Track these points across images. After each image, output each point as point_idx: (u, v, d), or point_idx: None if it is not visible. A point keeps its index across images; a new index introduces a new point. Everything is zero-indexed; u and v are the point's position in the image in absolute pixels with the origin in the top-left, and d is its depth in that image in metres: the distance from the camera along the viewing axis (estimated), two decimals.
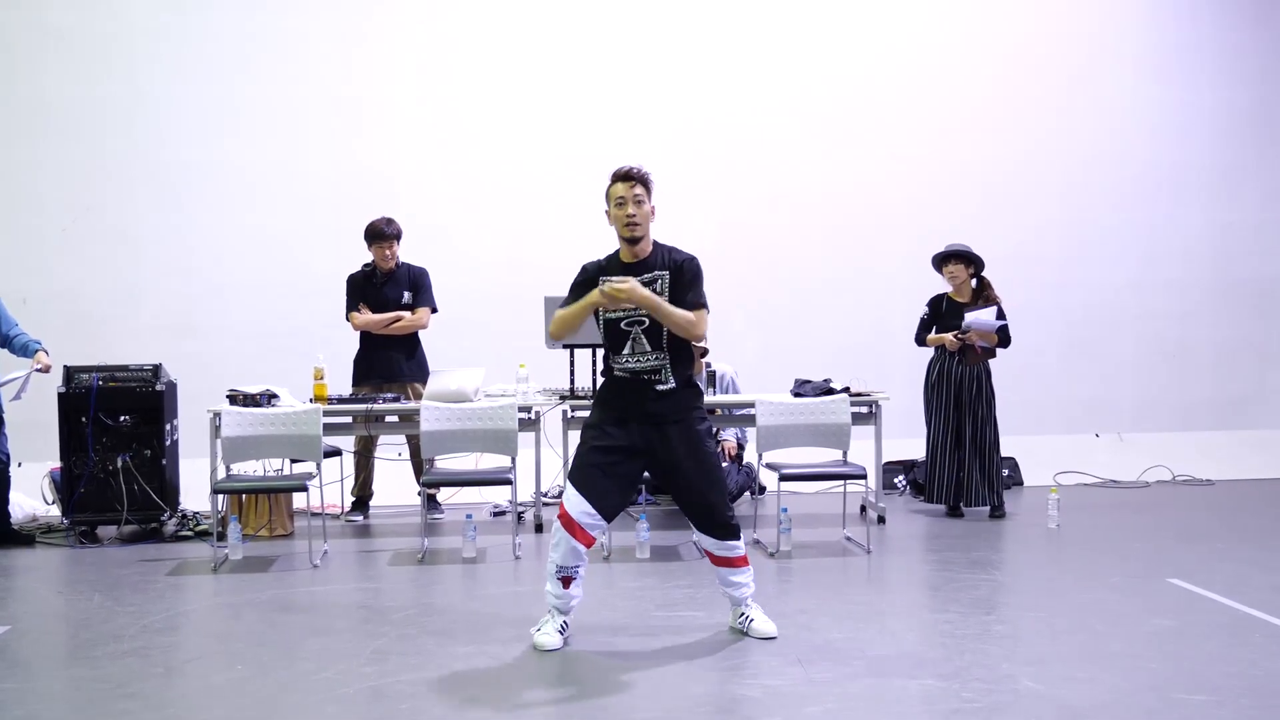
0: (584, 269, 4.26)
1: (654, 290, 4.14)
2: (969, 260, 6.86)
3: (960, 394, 6.80)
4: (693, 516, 4.35)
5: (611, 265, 4.23)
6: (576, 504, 4.14)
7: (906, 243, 8.49)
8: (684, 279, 4.18)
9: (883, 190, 8.59)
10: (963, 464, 6.81)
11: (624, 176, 4.19)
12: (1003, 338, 6.80)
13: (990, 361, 6.88)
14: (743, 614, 4.38)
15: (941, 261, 6.93)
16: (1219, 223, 8.93)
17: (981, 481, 6.80)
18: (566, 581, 4.20)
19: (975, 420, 6.79)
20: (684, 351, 4.25)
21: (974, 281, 6.92)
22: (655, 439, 4.20)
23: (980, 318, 6.70)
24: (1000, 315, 6.75)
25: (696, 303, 4.15)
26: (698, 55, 8.49)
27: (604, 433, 4.21)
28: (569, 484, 4.21)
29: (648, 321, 4.15)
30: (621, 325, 4.18)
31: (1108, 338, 8.83)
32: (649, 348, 4.18)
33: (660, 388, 4.18)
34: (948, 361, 6.85)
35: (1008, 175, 8.67)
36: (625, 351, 4.19)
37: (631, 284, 4.02)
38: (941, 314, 6.92)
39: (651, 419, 4.19)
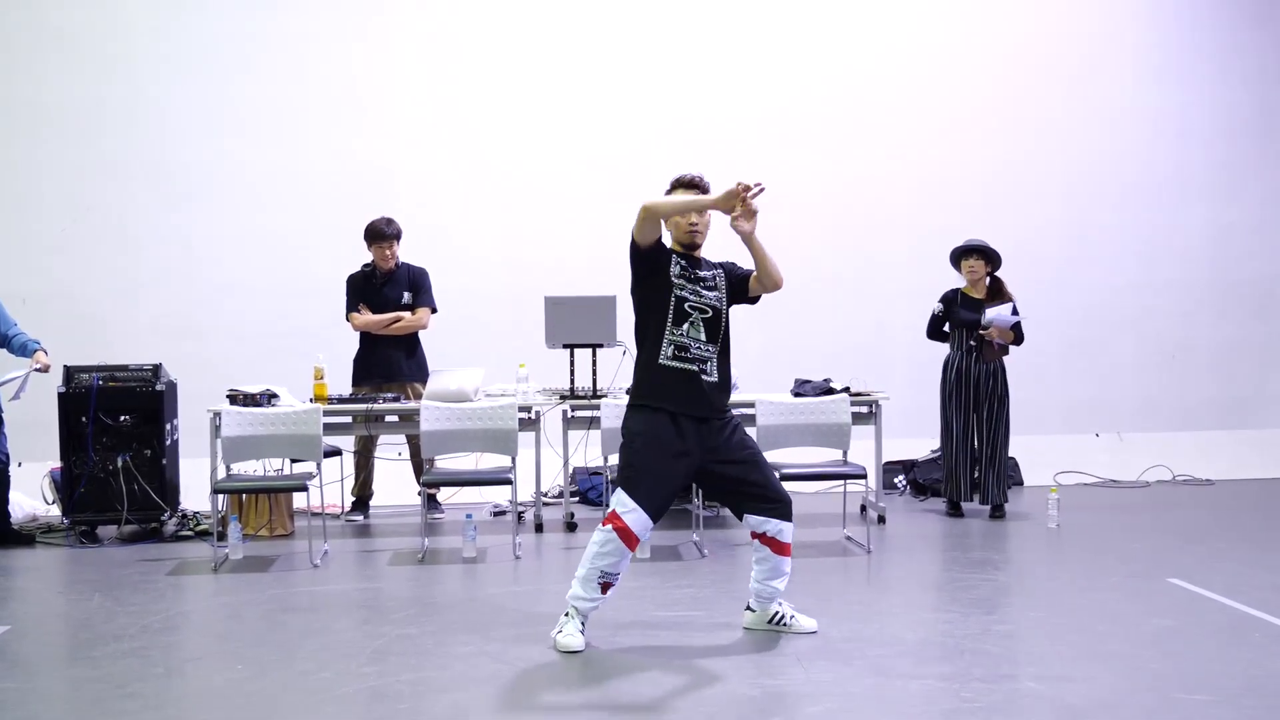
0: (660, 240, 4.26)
1: (714, 286, 4.25)
2: (989, 256, 6.85)
3: (978, 392, 6.80)
4: (756, 505, 4.25)
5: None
6: (637, 519, 4.07)
7: (907, 243, 8.51)
8: (738, 271, 4.34)
9: (883, 190, 8.59)
10: (977, 461, 6.81)
11: (690, 184, 4.22)
12: (1017, 335, 6.81)
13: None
14: (778, 613, 4.37)
15: (961, 256, 6.91)
16: (1219, 223, 8.93)
17: (993, 478, 6.80)
18: (606, 587, 4.16)
19: (990, 417, 6.79)
20: (727, 353, 4.30)
21: (988, 280, 6.90)
22: (704, 436, 4.18)
23: (1001, 314, 6.70)
24: (1015, 312, 6.75)
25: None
26: (698, 55, 8.49)
27: (657, 439, 4.14)
28: (624, 492, 4.10)
29: (710, 313, 4.21)
30: (687, 306, 4.19)
31: (1108, 338, 8.83)
32: (704, 338, 4.20)
33: (706, 379, 4.18)
34: (965, 359, 6.84)
35: (1008, 175, 8.67)
36: (683, 329, 4.18)
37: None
38: (955, 309, 6.91)
39: (699, 414, 4.17)
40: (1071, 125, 8.74)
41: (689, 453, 4.17)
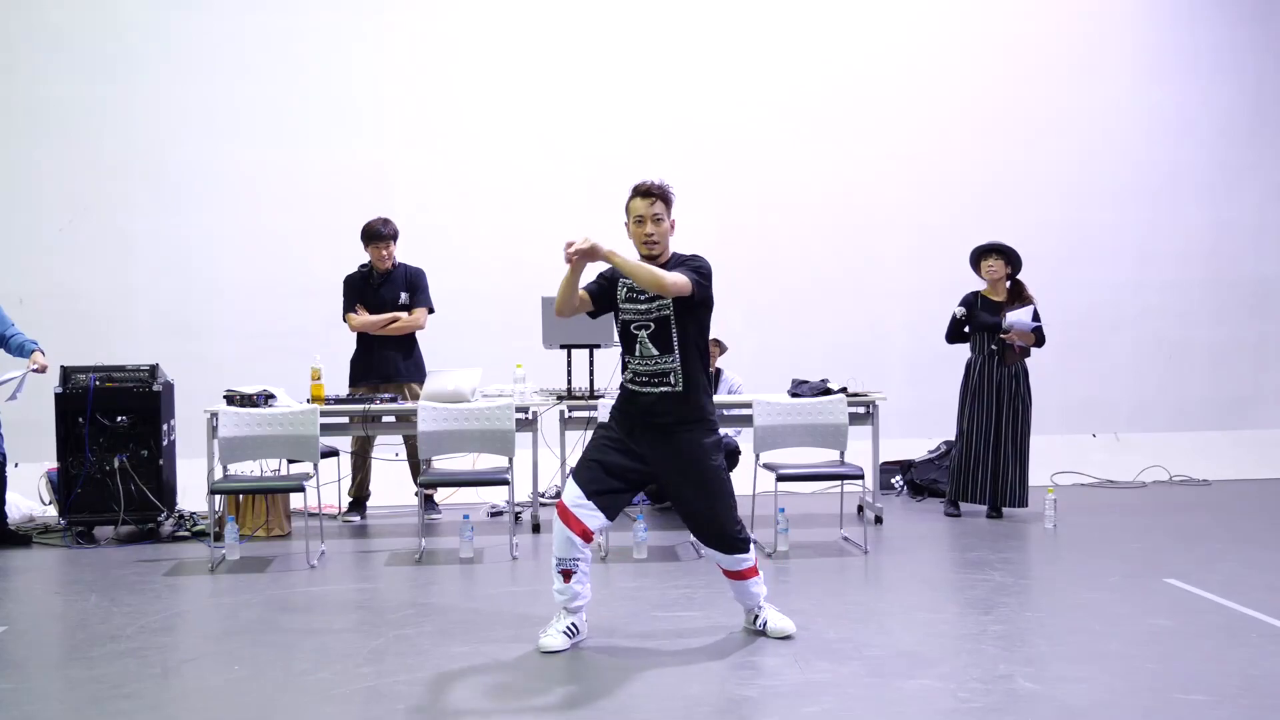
0: (601, 274, 4.23)
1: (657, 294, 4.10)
2: (1009, 257, 6.83)
3: (1000, 396, 6.78)
4: (697, 531, 4.31)
5: None
6: (571, 493, 4.14)
7: (903, 243, 8.52)
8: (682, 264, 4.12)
9: (879, 190, 8.60)
10: (999, 465, 6.78)
11: (644, 193, 4.11)
12: (1038, 337, 6.80)
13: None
14: (756, 616, 4.37)
15: (980, 256, 6.88)
16: (1216, 222, 8.95)
17: (1018, 482, 6.78)
18: (566, 575, 4.16)
19: (1014, 420, 6.77)
20: (695, 356, 4.16)
21: (1007, 282, 6.87)
22: (660, 449, 4.16)
23: (1021, 318, 6.68)
24: (1035, 316, 6.73)
25: (683, 272, 4.02)
26: (694, 55, 8.50)
27: (613, 434, 4.22)
28: (570, 477, 4.21)
29: (653, 326, 4.11)
30: (631, 328, 4.16)
31: (1105, 338, 8.85)
32: (655, 351, 4.12)
33: (666, 389, 4.13)
34: (988, 362, 6.81)
35: (1005, 175, 8.68)
36: (635, 354, 4.17)
37: (586, 237, 3.84)
38: (976, 313, 6.86)
39: (658, 427, 4.15)
40: (1069, 125, 8.76)
41: (643, 457, 4.17)
